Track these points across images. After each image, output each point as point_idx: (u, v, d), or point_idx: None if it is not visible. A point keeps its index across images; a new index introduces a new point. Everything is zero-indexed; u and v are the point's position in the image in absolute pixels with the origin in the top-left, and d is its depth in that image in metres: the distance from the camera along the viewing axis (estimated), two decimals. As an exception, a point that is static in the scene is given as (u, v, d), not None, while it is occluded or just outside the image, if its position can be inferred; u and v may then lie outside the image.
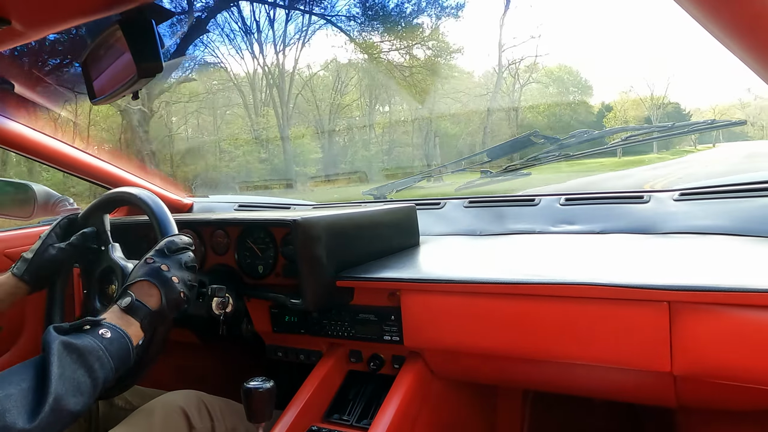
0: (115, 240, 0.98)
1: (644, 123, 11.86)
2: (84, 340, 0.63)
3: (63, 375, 0.59)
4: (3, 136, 1.33)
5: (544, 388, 1.09)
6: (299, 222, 0.94)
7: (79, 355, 0.62)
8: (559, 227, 1.31)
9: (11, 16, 0.59)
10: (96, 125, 8.60)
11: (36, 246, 0.96)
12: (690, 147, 11.34)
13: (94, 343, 0.64)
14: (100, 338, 0.65)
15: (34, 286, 0.95)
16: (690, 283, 0.75)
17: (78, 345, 0.62)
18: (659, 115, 12.62)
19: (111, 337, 0.67)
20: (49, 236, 0.98)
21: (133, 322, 0.72)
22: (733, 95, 14.39)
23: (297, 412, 0.94)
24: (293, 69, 10.83)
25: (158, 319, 0.76)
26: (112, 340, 0.66)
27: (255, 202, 1.83)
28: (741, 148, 10.05)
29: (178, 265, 0.81)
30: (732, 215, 1.13)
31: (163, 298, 0.76)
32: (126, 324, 0.71)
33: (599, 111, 13.33)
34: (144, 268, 0.79)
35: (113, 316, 0.72)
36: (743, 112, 12.68)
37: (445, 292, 0.92)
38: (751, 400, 0.82)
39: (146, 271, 0.78)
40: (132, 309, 0.73)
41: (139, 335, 0.72)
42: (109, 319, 0.70)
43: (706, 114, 12.43)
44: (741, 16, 0.42)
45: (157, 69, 0.73)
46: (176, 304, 0.79)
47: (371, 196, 1.74)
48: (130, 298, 0.74)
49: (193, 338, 1.30)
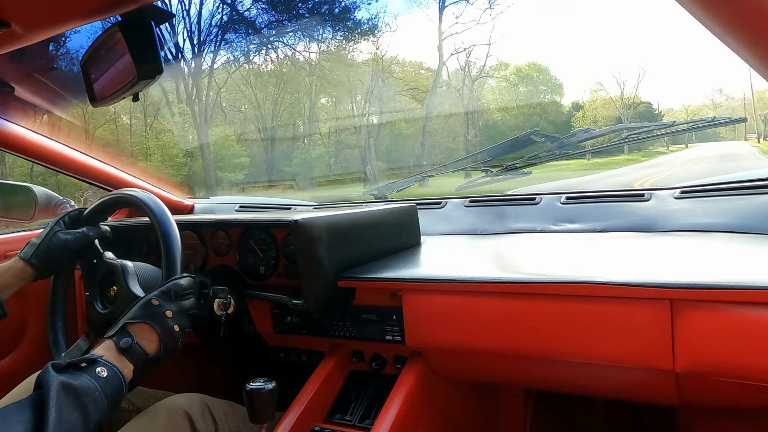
0: (117, 241, 0.98)
1: (616, 122, 11.79)
2: (81, 380, 0.63)
3: (60, 419, 0.58)
4: (3, 139, 1.33)
5: (546, 387, 1.09)
6: (300, 222, 0.94)
7: (77, 397, 0.61)
8: (560, 226, 1.31)
9: (11, 18, 0.59)
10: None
11: (44, 232, 0.96)
12: (663, 148, 11.36)
13: (91, 383, 0.64)
14: (96, 378, 0.65)
15: (41, 271, 0.94)
16: (692, 280, 0.75)
17: (76, 386, 0.62)
18: (630, 115, 12.63)
19: (107, 377, 0.67)
20: (57, 223, 0.98)
21: (128, 365, 0.72)
22: (705, 95, 14.43)
23: (299, 412, 0.94)
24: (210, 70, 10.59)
25: (151, 365, 0.76)
26: (107, 380, 0.66)
27: (256, 203, 1.83)
28: (715, 149, 10.08)
29: (180, 311, 0.81)
30: (733, 213, 1.13)
31: (162, 345, 0.77)
32: (121, 365, 0.71)
33: (569, 111, 13.28)
34: (148, 310, 0.78)
35: (110, 354, 0.71)
36: (715, 112, 12.70)
37: (446, 292, 0.92)
38: (753, 398, 0.82)
39: (150, 314, 0.78)
40: (129, 351, 0.73)
41: (130, 376, 0.72)
42: (106, 356, 0.70)
43: (678, 114, 12.46)
44: (741, 12, 0.42)
45: (157, 71, 0.73)
46: (171, 351, 0.79)
47: (372, 196, 1.74)
48: (130, 339, 0.74)
49: (195, 339, 1.30)
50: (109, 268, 0.96)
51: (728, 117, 1.43)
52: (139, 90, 0.77)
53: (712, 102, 12.18)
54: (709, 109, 12.08)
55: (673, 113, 12.74)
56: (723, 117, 1.33)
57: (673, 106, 13.20)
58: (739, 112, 11.52)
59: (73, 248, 0.98)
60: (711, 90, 12.37)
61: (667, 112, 12.88)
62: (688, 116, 13.77)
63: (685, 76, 13.05)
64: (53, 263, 0.96)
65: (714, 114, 10.34)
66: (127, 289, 0.91)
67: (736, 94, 11.69)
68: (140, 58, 0.71)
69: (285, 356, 1.18)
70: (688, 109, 12.35)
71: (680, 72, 13.78)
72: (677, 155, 10.70)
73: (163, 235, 0.89)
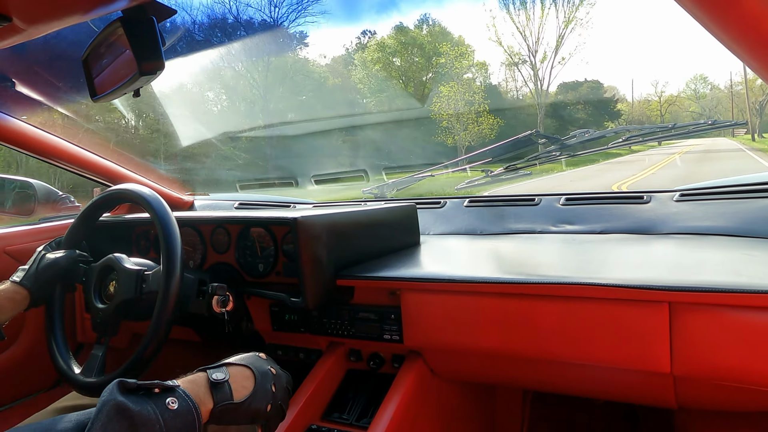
0: (116, 237, 0.98)
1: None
2: (143, 407, 0.54)
3: None
4: (3, 134, 1.33)
5: (544, 388, 1.09)
6: (300, 221, 0.94)
7: (131, 425, 0.52)
8: (560, 227, 1.31)
9: (12, 13, 0.59)
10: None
11: (32, 258, 0.98)
12: (624, 149, 11.39)
13: (154, 414, 0.54)
14: (163, 408, 0.55)
15: (34, 293, 0.94)
16: (690, 283, 0.75)
17: (133, 412, 0.53)
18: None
19: (177, 410, 0.56)
20: (44, 248, 1.01)
21: (208, 402, 0.62)
22: (686, 85, 14.35)
23: (296, 410, 0.94)
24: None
25: (230, 415, 0.63)
26: (176, 414, 0.56)
27: (256, 201, 1.83)
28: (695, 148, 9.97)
29: (283, 380, 0.73)
30: (733, 216, 1.13)
31: (252, 395, 0.66)
32: (201, 400, 0.60)
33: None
34: (254, 359, 0.71)
35: (193, 387, 0.62)
36: (698, 104, 12.65)
37: (445, 292, 0.92)
38: (751, 402, 0.82)
39: (254, 362, 0.70)
40: (218, 387, 0.63)
41: (207, 417, 0.61)
42: (185, 386, 0.60)
43: (654, 104, 12.36)
44: (743, 16, 0.42)
45: (158, 67, 0.73)
46: (255, 413, 0.66)
47: (372, 195, 1.74)
48: (225, 375, 0.65)
49: (194, 336, 1.30)
50: (101, 265, 0.97)
51: (729, 120, 1.43)
52: (140, 86, 0.77)
53: (695, 93, 12.17)
54: (692, 101, 12.11)
55: (649, 104, 12.76)
56: (724, 120, 1.33)
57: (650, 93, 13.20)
58: (726, 103, 11.48)
59: (63, 265, 0.99)
60: (694, 79, 12.33)
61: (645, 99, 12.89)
62: (661, 105, 13.69)
63: (666, 66, 13.26)
64: (45, 283, 0.96)
65: (697, 106, 10.36)
66: (123, 268, 0.92)
67: (723, 85, 11.65)
68: (142, 54, 0.71)
69: (283, 354, 1.18)
70: (670, 99, 12.38)
71: (661, 61, 13.87)
72: (643, 155, 10.62)
73: (162, 231, 0.89)
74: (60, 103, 1.59)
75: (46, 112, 1.57)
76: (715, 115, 11.78)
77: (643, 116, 18.08)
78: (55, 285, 0.99)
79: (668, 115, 17.48)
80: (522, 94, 13.14)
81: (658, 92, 12.79)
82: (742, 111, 11.91)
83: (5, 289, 0.92)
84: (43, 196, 1.52)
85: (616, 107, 19.49)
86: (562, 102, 12.81)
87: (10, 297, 0.91)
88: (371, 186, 1.75)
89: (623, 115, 18.39)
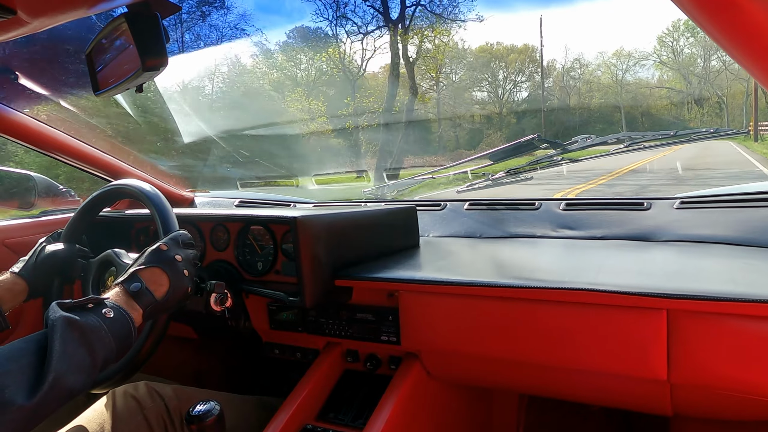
0: (116, 233, 0.98)
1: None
2: (87, 318, 0.62)
3: (64, 353, 0.58)
4: (4, 126, 1.33)
5: (540, 393, 1.09)
6: (299, 220, 0.94)
7: (82, 333, 0.60)
8: (560, 232, 1.31)
9: (17, 5, 0.59)
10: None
11: (33, 250, 0.99)
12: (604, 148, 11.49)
13: (97, 322, 0.63)
14: (102, 317, 0.64)
15: (32, 285, 0.94)
16: (689, 291, 0.74)
17: (81, 323, 0.61)
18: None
19: (114, 317, 0.65)
20: (46, 240, 1.02)
21: (137, 308, 0.71)
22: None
23: (292, 410, 0.94)
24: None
25: (160, 310, 0.75)
26: (114, 320, 0.65)
27: (256, 199, 1.83)
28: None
29: (188, 258, 0.82)
30: (733, 225, 1.13)
31: (171, 289, 0.76)
32: (129, 308, 0.70)
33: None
34: (158, 255, 0.78)
35: (118, 298, 0.70)
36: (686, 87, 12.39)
37: (443, 294, 0.92)
38: (747, 411, 0.82)
39: (160, 258, 0.78)
40: (138, 295, 0.72)
41: (139, 320, 0.71)
42: (113, 299, 0.69)
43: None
44: (742, 22, 0.42)
45: (161, 63, 0.73)
46: (181, 297, 0.78)
47: (372, 195, 1.74)
48: (140, 284, 0.73)
49: (191, 334, 1.30)
50: (100, 260, 0.97)
51: (730, 128, 1.43)
52: (144, 82, 0.77)
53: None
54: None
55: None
56: (725, 128, 1.33)
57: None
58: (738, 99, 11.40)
59: (62, 257, 0.99)
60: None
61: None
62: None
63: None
64: (44, 275, 0.96)
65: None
66: (122, 263, 0.92)
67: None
68: (145, 49, 0.71)
69: (280, 353, 1.18)
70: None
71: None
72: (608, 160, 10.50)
73: (162, 227, 0.89)
74: (62, 97, 1.59)
75: (48, 106, 1.57)
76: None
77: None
78: (54, 277, 0.99)
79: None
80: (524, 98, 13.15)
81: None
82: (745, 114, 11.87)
83: (4, 280, 0.92)
84: (43, 189, 1.51)
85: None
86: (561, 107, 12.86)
87: (9, 288, 0.92)
88: (372, 187, 1.75)
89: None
